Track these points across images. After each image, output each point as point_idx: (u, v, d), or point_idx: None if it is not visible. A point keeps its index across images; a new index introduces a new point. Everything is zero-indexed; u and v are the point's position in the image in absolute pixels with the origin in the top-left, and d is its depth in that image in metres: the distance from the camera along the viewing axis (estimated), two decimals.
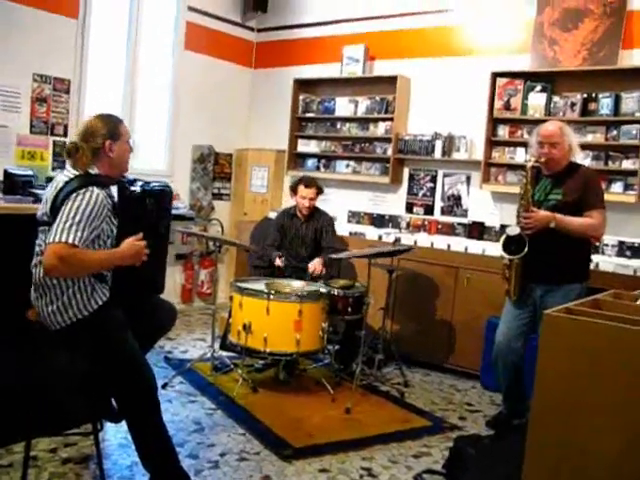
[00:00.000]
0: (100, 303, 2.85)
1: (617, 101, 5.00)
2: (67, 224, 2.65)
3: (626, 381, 2.41)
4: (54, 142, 5.75)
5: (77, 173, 2.87)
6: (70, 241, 2.62)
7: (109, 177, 2.97)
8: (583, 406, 2.50)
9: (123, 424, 3.01)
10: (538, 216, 3.75)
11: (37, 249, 2.88)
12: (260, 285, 4.59)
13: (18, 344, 3.00)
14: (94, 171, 2.91)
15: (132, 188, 3.02)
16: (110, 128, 2.96)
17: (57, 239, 2.61)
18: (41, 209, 2.91)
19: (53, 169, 5.66)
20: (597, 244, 5.01)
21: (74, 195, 2.73)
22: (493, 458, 3.20)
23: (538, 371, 2.60)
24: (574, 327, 2.54)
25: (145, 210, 2.95)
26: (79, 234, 2.64)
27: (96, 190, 2.77)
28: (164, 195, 3.20)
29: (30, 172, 4.93)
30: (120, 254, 2.83)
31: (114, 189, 2.98)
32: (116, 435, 3.63)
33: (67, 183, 2.81)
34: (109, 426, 3.48)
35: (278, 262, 5.09)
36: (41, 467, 3.18)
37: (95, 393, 2.91)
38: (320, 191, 5.35)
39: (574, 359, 2.52)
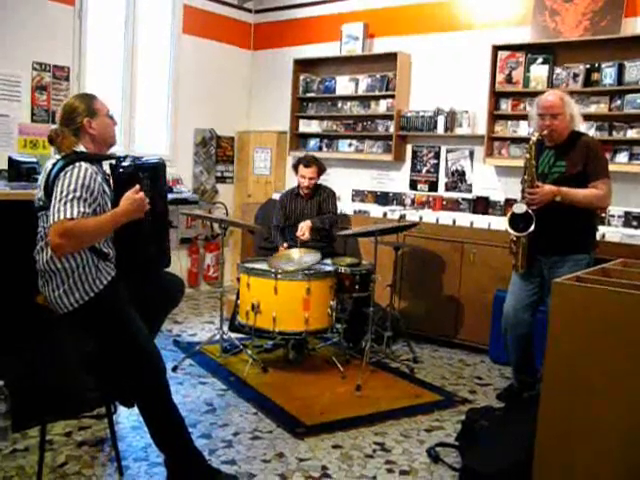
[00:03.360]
0: (105, 282, 2.85)
1: (620, 70, 4.95)
2: (61, 202, 2.65)
3: (636, 346, 2.42)
4: None
5: (63, 155, 2.87)
6: (68, 216, 2.62)
7: (96, 153, 2.97)
8: (594, 372, 2.51)
9: (136, 406, 3.03)
10: (543, 191, 3.73)
11: (39, 235, 2.88)
12: (266, 265, 4.60)
13: (28, 330, 3.02)
14: (80, 149, 2.92)
15: (124, 164, 2.99)
16: (86, 106, 2.96)
17: (55, 219, 2.63)
18: (36, 196, 2.92)
19: None
20: (603, 215, 5.01)
21: (62, 174, 2.73)
22: (506, 429, 3.21)
23: (549, 339, 2.61)
24: (584, 295, 2.55)
25: (139, 186, 2.90)
26: (75, 209, 2.64)
27: (84, 165, 2.76)
28: (157, 169, 3.14)
29: (34, 159, 4.93)
30: (122, 211, 2.81)
31: (105, 166, 2.97)
32: (129, 418, 3.65)
33: (54, 165, 2.81)
34: (122, 409, 3.49)
35: (283, 249, 5.08)
36: (57, 450, 3.22)
37: (106, 376, 2.93)
38: (321, 170, 5.31)
39: (584, 326, 2.53)
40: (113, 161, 3.01)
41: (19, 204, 3.96)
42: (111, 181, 2.97)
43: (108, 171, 2.98)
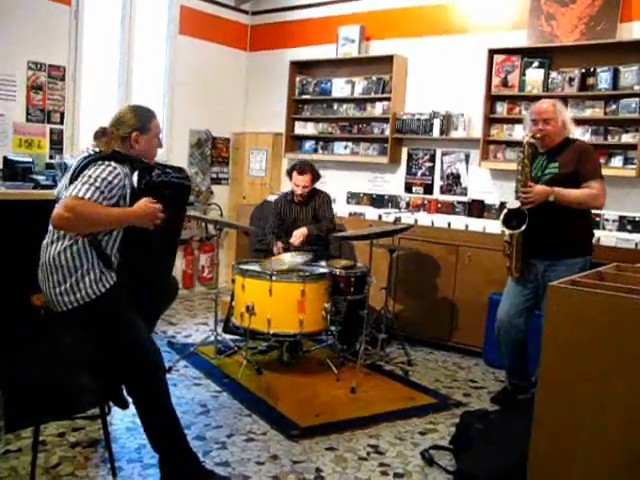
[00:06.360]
0: (107, 286, 2.83)
1: (616, 75, 4.97)
2: (80, 183, 2.67)
3: (630, 349, 2.43)
4: (51, 130, 5.72)
5: (97, 150, 2.87)
6: (80, 195, 2.62)
7: (129, 156, 2.94)
8: (589, 375, 2.52)
9: (130, 407, 3.02)
10: (536, 189, 3.75)
11: (50, 227, 2.86)
12: (260, 267, 4.59)
13: (23, 328, 3.01)
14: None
15: (154, 177, 2.93)
16: (140, 121, 2.96)
17: (68, 194, 2.63)
18: (59, 185, 2.92)
19: (51, 157, 5.63)
20: (597, 219, 5.02)
21: (91, 164, 2.75)
22: (500, 432, 3.21)
23: (544, 342, 2.62)
24: (579, 298, 2.56)
25: (160, 202, 2.88)
26: (89, 193, 2.64)
27: (114, 163, 2.77)
28: (182, 189, 3.12)
29: (29, 159, 4.92)
30: (134, 212, 2.79)
31: (134, 176, 2.95)
32: (123, 419, 3.64)
33: (85, 158, 2.82)
34: (116, 410, 3.48)
35: (277, 250, 5.07)
36: (50, 451, 3.20)
37: (102, 376, 2.92)
38: (316, 177, 5.23)
39: (579, 330, 2.53)
40: (143, 169, 2.97)
41: (14, 204, 3.96)
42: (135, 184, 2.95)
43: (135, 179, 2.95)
